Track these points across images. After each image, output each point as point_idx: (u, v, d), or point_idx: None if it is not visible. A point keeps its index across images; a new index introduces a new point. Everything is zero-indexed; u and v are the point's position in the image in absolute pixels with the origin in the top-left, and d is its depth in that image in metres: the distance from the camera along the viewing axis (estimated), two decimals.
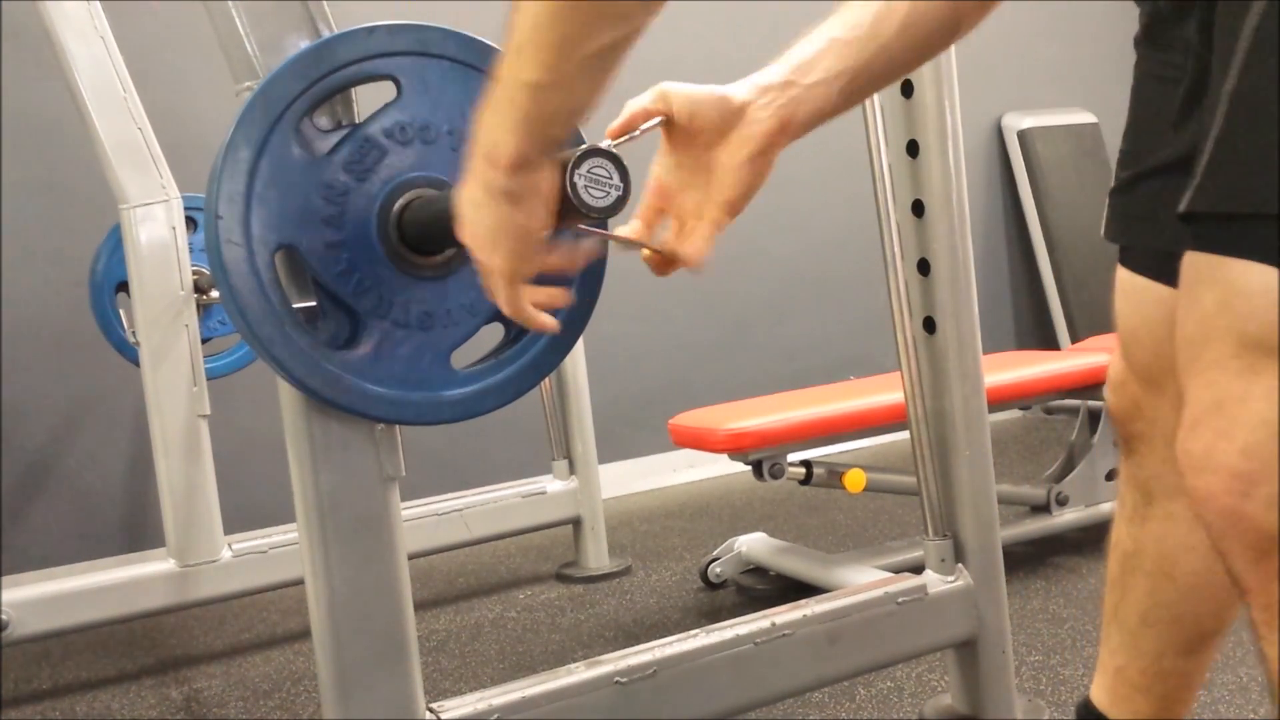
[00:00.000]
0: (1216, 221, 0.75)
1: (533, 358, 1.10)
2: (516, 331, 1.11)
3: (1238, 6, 0.75)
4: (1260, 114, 0.72)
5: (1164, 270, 1.04)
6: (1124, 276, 1.11)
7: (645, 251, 0.85)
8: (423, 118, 1.03)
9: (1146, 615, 1.14)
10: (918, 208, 1.49)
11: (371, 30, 1.00)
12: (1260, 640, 0.81)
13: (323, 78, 0.99)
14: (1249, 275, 0.72)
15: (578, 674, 1.27)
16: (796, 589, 2.08)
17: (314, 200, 0.99)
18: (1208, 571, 1.10)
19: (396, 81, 1.02)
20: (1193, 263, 0.78)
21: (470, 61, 1.04)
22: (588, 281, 1.11)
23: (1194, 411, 0.77)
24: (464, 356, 1.07)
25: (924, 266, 1.50)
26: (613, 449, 3.36)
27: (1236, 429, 0.74)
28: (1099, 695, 1.19)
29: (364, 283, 1.01)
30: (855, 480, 2.15)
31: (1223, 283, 0.74)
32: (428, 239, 1.02)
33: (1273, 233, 0.71)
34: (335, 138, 1.01)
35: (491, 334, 1.12)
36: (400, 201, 1.02)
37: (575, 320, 1.11)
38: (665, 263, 0.84)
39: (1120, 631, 1.17)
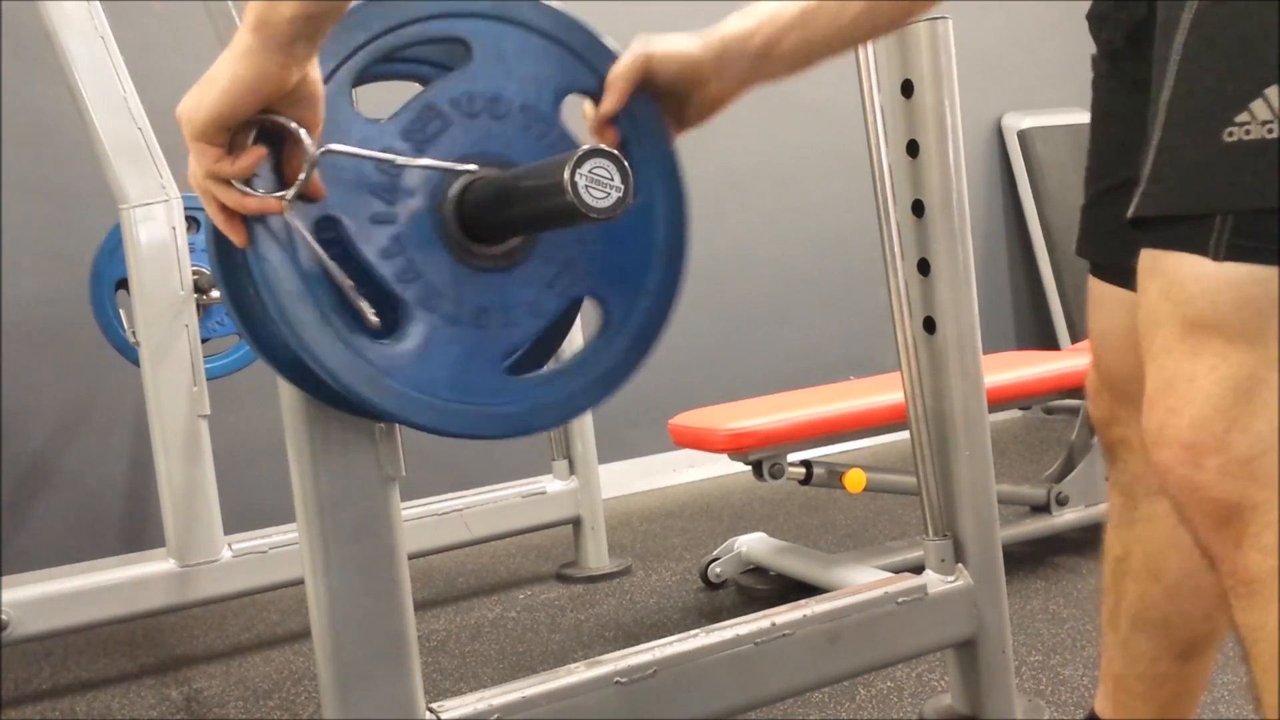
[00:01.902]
0: (1158, 222, 0.83)
1: (606, 367, 0.98)
2: (603, 327, 0.99)
3: (1174, 16, 0.82)
4: (1188, 125, 0.80)
5: (1133, 280, 1.08)
6: (1095, 286, 1.14)
7: None
8: (493, 89, 0.92)
9: (1137, 619, 1.15)
10: (918, 208, 1.49)
11: None
12: (1231, 609, 0.85)
13: (388, 31, 0.90)
14: (1182, 265, 0.80)
15: (578, 674, 1.27)
16: (796, 589, 2.08)
17: (363, 166, 0.88)
18: (1194, 571, 1.11)
19: (467, 45, 0.93)
20: (1142, 259, 0.85)
21: (553, 34, 0.95)
22: (670, 264, 1.00)
23: (1149, 393, 0.84)
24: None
25: (924, 266, 1.50)
26: (613, 449, 3.36)
27: (1185, 405, 0.81)
28: (1102, 706, 1.20)
29: (413, 267, 0.90)
30: (855, 480, 2.15)
31: (1162, 274, 0.82)
32: (490, 224, 0.92)
33: (1200, 228, 0.79)
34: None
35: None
36: (461, 180, 0.92)
37: (657, 311, 1.00)
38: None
39: (1115, 638, 1.18)
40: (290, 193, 0.84)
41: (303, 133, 0.82)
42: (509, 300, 0.93)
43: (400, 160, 0.89)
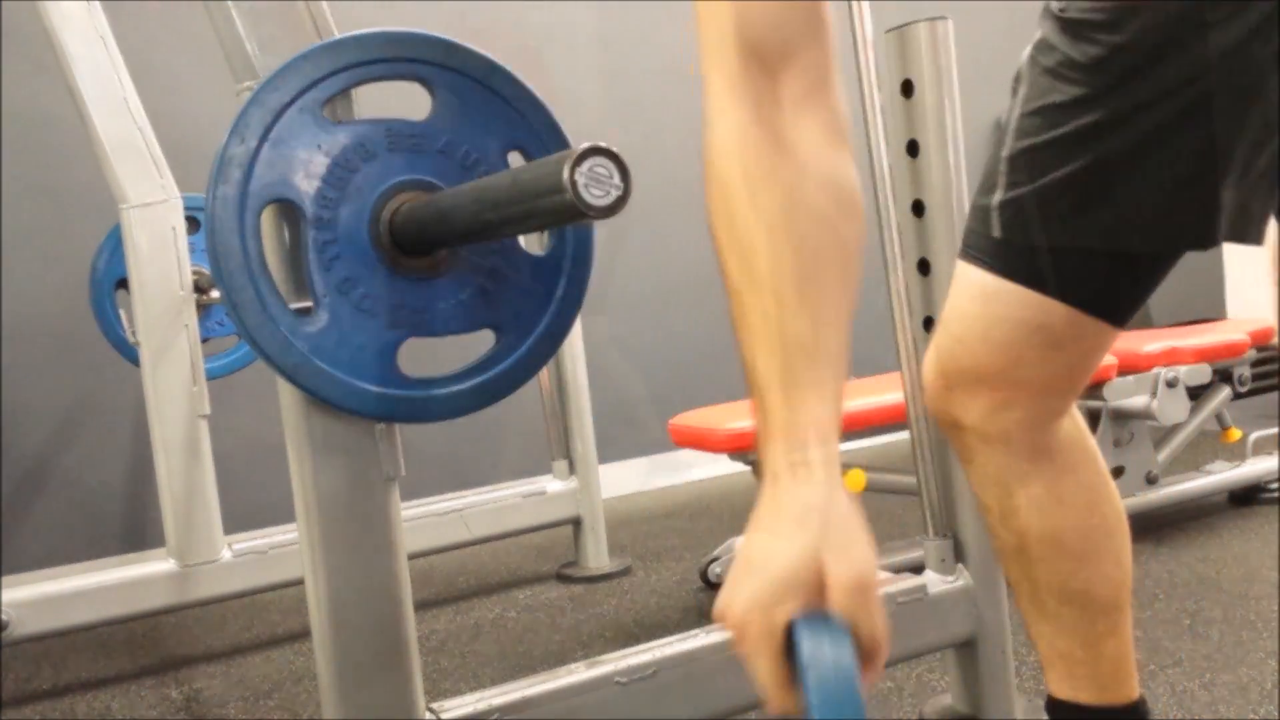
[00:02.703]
0: None
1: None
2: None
3: None
4: None
5: (1040, 279, 1.07)
6: (991, 282, 1.10)
7: None
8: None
9: (1062, 594, 1.17)
10: (918, 208, 1.49)
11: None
12: None
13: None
14: None
15: (578, 674, 1.27)
16: None
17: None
18: (1088, 525, 1.15)
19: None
20: None
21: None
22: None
23: None
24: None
25: (924, 266, 1.50)
26: (613, 449, 3.36)
27: None
28: (1059, 688, 1.22)
29: None
30: (855, 480, 2.15)
31: None
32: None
33: None
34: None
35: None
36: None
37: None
38: None
39: (1048, 620, 1.19)
40: None
41: None
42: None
43: None
